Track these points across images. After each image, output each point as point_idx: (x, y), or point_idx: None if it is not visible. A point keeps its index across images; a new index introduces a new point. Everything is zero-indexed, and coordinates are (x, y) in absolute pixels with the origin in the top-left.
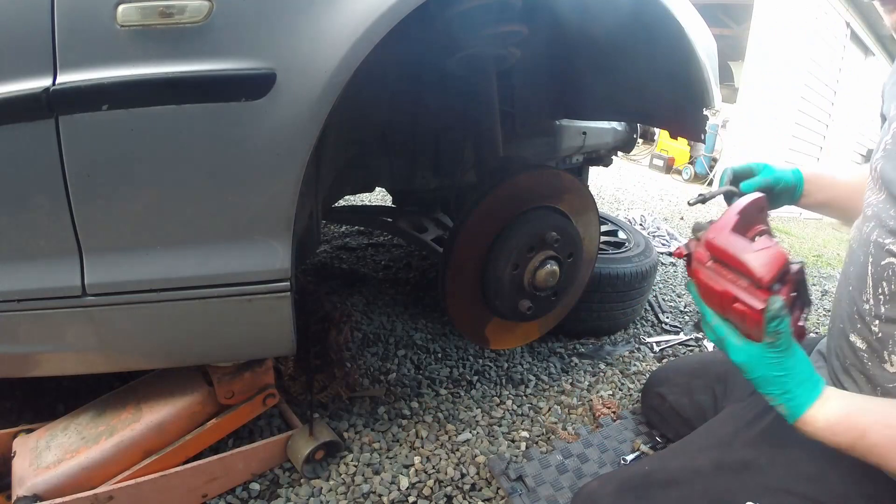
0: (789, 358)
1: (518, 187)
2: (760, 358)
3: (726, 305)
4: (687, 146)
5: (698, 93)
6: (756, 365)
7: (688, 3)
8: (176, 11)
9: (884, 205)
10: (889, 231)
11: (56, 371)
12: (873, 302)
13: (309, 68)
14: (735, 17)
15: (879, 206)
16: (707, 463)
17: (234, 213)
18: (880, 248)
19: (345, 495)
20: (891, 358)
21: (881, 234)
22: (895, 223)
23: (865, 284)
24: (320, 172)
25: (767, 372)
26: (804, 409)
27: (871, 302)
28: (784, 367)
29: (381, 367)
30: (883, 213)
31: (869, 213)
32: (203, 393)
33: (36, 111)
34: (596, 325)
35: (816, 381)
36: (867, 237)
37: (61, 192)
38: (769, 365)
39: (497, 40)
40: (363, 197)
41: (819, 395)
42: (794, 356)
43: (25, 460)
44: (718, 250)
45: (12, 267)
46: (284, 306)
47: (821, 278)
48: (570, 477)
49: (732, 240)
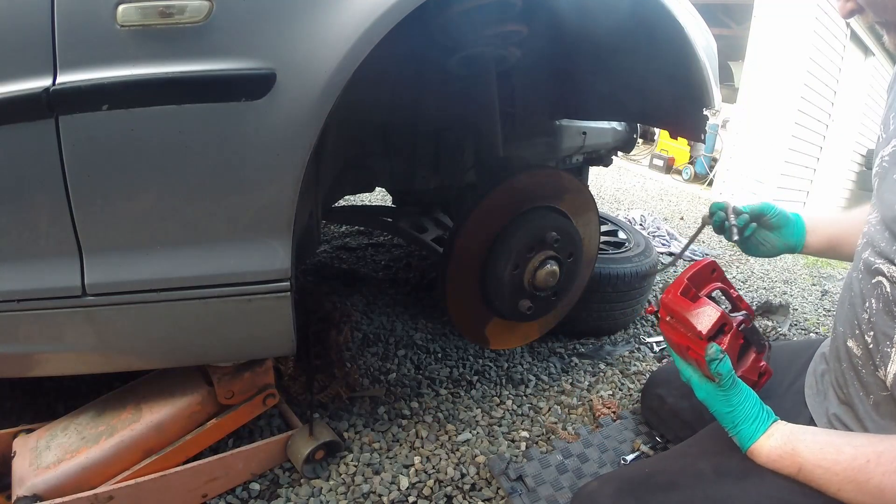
0: (735, 396)
1: (518, 187)
2: (714, 396)
3: (684, 352)
4: (687, 146)
5: (698, 93)
6: (711, 401)
7: (688, 3)
8: (176, 11)
9: (877, 227)
10: (878, 252)
11: (56, 371)
12: (868, 315)
13: (309, 68)
14: (735, 17)
15: (873, 226)
16: (708, 468)
17: (234, 213)
18: (869, 267)
19: (345, 495)
20: (882, 369)
21: (871, 254)
22: (886, 245)
23: (865, 296)
24: (320, 172)
25: (720, 408)
26: (750, 443)
27: (867, 315)
28: (731, 404)
29: (381, 367)
30: (876, 234)
31: (866, 229)
32: (203, 393)
33: (36, 111)
34: (596, 325)
35: (763, 419)
36: (861, 252)
37: (61, 192)
38: (720, 401)
39: (497, 40)
40: (363, 197)
41: (763, 431)
42: (739, 395)
43: (25, 460)
44: (670, 310)
45: (12, 267)
46: (284, 306)
47: (821, 278)
48: (570, 477)
49: (678, 302)
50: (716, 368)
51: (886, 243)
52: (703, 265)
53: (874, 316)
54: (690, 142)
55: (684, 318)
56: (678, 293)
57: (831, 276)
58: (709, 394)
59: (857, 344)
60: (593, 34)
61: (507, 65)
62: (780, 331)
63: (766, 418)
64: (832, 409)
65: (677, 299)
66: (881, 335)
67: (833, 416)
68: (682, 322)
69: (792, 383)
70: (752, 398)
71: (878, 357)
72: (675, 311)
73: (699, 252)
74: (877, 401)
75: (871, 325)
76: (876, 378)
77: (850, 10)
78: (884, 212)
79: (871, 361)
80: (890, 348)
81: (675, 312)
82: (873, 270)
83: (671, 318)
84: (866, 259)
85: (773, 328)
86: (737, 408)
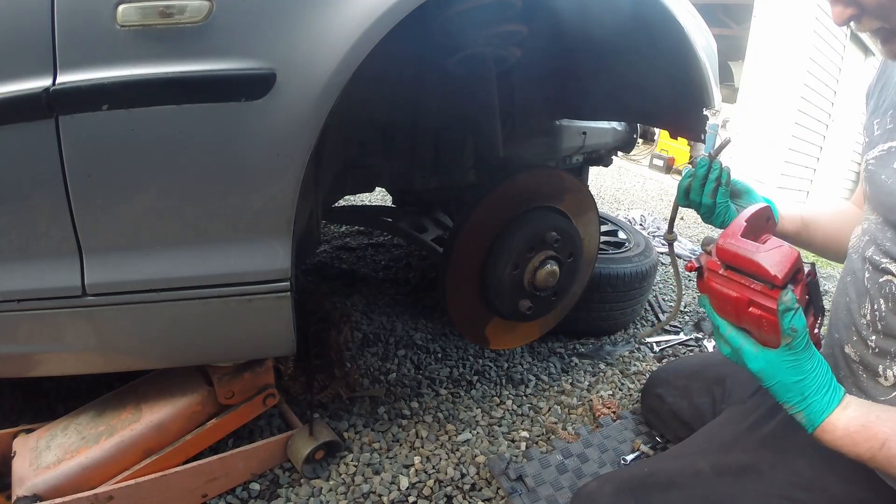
0: (807, 361)
1: (518, 187)
2: (778, 363)
3: (741, 311)
4: (687, 146)
5: (698, 93)
6: (774, 371)
7: (688, 3)
8: (176, 11)
9: (879, 226)
10: (884, 252)
11: (56, 371)
12: (870, 317)
13: (309, 68)
14: (735, 17)
15: (875, 225)
16: (707, 467)
17: (234, 213)
18: (876, 267)
19: (345, 495)
20: (885, 373)
21: (876, 253)
22: (891, 244)
23: (864, 299)
24: (320, 172)
25: (785, 377)
26: (823, 416)
27: (869, 317)
28: (802, 371)
29: (381, 367)
30: (878, 233)
31: (865, 226)
32: (203, 393)
33: (36, 111)
34: (596, 325)
35: (836, 387)
36: (863, 252)
37: (61, 192)
38: (787, 370)
39: (497, 40)
40: (363, 197)
41: (839, 401)
42: (811, 360)
43: (25, 460)
44: (729, 255)
45: (12, 267)
46: (284, 306)
47: (820, 278)
48: (570, 477)
49: (742, 243)
50: (790, 322)
51: (891, 242)
52: (760, 209)
53: (883, 317)
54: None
55: (750, 262)
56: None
57: (831, 276)
58: (769, 362)
59: (855, 350)
60: (593, 34)
61: (507, 65)
62: None
63: (839, 387)
64: None
65: (740, 241)
66: (890, 337)
67: None
68: (748, 267)
69: None
70: (824, 365)
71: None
72: (737, 256)
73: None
74: None
75: (874, 329)
76: (875, 383)
77: (848, 16)
78: (885, 213)
79: (870, 368)
80: None
81: (736, 257)
82: (881, 269)
83: (726, 267)
84: (871, 258)
85: None
86: (808, 374)
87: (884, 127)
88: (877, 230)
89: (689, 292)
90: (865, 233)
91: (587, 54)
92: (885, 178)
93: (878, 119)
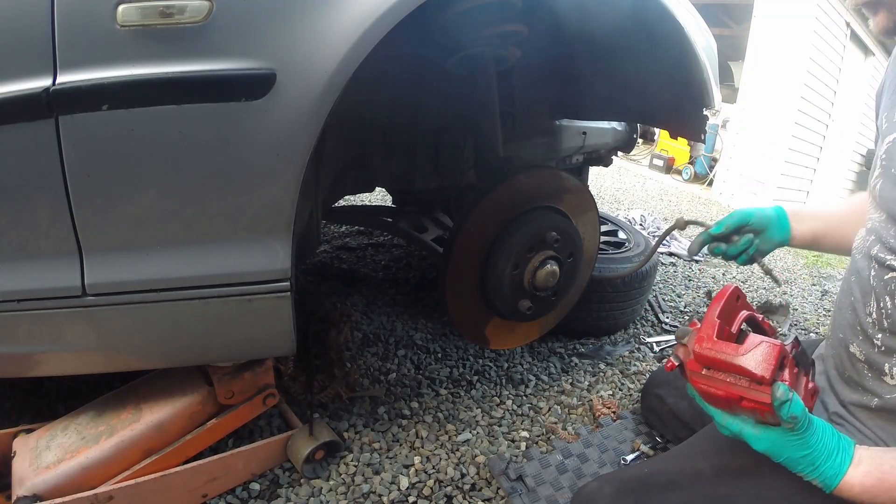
0: (811, 436)
1: (518, 187)
2: (783, 442)
3: (734, 405)
4: (687, 146)
5: (698, 93)
6: (780, 450)
7: (688, 3)
8: (176, 11)
9: (884, 224)
10: (889, 249)
11: (56, 371)
12: (876, 315)
13: (309, 68)
14: (735, 17)
15: (880, 224)
16: (707, 467)
17: (234, 213)
18: (882, 264)
19: (345, 495)
20: (892, 370)
21: (881, 251)
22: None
23: (869, 297)
24: (320, 172)
25: (793, 453)
26: (838, 479)
27: (875, 315)
28: (808, 446)
29: (381, 367)
30: (883, 231)
31: (870, 226)
32: (203, 393)
33: (36, 111)
34: (596, 325)
35: (844, 448)
36: (868, 251)
37: (61, 192)
38: (793, 447)
39: (497, 40)
40: (363, 197)
41: (850, 461)
42: (815, 433)
43: (25, 460)
44: (709, 360)
45: (12, 267)
46: (284, 306)
47: (821, 278)
48: (570, 477)
49: (720, 347)
50: (789, 412)
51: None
52: (729, 295)
53: (890, 315)
54: (690, 142)
55: (733, 366)
56: (714, 337)
57: (831, 276)
58: (773, 443)
59: (860, 349)
60: (593, 34)
61: (507, 65)
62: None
63: (847, 445)
64: (832, 408)
65: (717, 345)
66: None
67: (834, 413)
68: (731, 370)
69: None
70: (828, 429)
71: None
72: (719, 361)
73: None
74: (881, 404)
75: (880, 326)
76: (881, 382)
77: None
78: (890, 207)
79: (875, 367)
80: None
81: (717, 362)
82: (886, 266)
83: (709, 369)
84: (876, 255)
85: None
86: (815, 446)
87: (891, 119)
88: (881, 228)
89: (689, 293)
90: (870, 232)
91: (587, 54)
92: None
93: (886, 113)
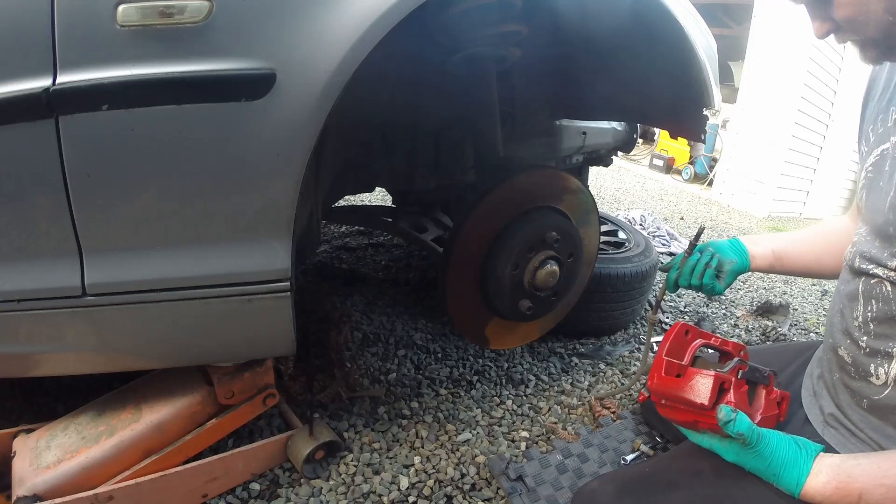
0: (765, 448)
1: (518, 187)
2: (743, 455)
3: (694, 426)
4: (687, 146)
5: (698, 93)
6: (743, 461)
7: (688, 3)
8: (176, 11)
9: (867, 237)
10: (869, 258)
11: (56, 371)
12: (862, 319)
13: (309, 68)
14: (735, 17)
15: (863, 238)
16: (708, 467)
17: (234, 213)
18: (866, 273)
19: (345, 495)
20: (877, 371)
21: (862, 262)
22: (877, 251)
23: (856, 303)
24: (320, 172)
25: (755, 464)
26: (798, 488)
27: (861, 319)
28: (764, 457)
29: (381, 367)
30: (866, 244)
31: (855, 239)
32: (203, 393)
33: (36, 111)
34: (596, 325)
35: (803, 458)
36: (852, 264)
37: (61, 192)
38: (752, 459)
39: (497, 40)
40: (363, 197)
41: (808, 471)
42: (769, 445)
43: (25, 460)
44: (661, 393)
45: (12, 267)
46: (284, 306)
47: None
48: (570, 477)
49: (666, 384)
50: (735, 429)
51: (877, 250)
52: (674, 334)
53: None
54: (690, 142)
55: (680, 398)
56: (662, 374)
57: None
58: (738, 454)
59: (848, 352)
60: (593, 34)
61: (507, 65)
62: (780, 331)
63: (806, 457)
64: (828, 410)
65: (664, 381)
66: (882, 336)
67: (830, 415)
68: (680, 401)
69: (789, 384)
70: (784, 442)
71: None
72: (668, 394)
73: None
74: (871, 405)
75: (865, 330)
76: (867, 383)
77: (826, 30)
78: (874, 219)
79: (861, 369)
80: (892, 348)
81: (668, 395)
82: (870, 275)
83: (666, 400)
84: (859, 267)
85: (773, 328)
86: (772, 458)
87: (877, 132)
88: (865, 242)
89: (689, 293)
90: (854, 246)
91: (587, 54)
92: (882, 186)
93: (871, 126)
